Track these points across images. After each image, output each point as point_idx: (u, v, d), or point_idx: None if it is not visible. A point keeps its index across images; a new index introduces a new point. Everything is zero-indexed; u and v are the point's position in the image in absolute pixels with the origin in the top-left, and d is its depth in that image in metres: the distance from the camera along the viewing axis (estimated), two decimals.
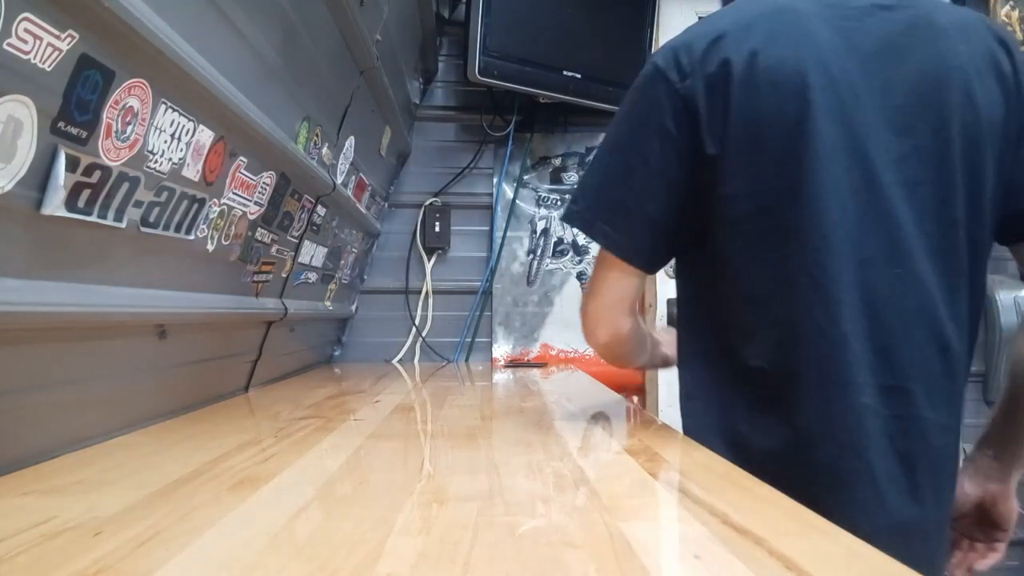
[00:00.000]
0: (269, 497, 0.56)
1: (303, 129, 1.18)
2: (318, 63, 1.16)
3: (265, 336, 1.28)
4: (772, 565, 0.42)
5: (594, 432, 0.93)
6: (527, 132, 2.10)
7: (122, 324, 0.79)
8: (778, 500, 0.57)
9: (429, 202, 2.06)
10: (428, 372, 1.73)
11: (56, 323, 0.66)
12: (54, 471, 0.64)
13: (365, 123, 1.53)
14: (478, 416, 1.02)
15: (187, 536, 0.46)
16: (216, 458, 0.69)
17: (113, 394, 0.81)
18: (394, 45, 1.54)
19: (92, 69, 0.59)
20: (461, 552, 0.44)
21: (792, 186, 0.71)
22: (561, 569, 0.41)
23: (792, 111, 0.70)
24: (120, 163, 0.67)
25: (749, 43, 0.71)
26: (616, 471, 0.69)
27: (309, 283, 1.51)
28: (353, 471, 0.67)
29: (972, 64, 0.72)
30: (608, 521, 0.50)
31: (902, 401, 0.72)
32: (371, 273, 2.07)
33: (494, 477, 0.64)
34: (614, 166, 0.79)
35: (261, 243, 1.14)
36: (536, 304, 2.10)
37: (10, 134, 0.53)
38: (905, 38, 0.73)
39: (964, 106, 0.71)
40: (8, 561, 0.42)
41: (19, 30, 0.50)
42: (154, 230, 0.79)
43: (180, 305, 0.91)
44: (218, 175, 0.90)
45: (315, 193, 1.31)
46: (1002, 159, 0.74)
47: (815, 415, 0.72)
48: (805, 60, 0.70)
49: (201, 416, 0.97)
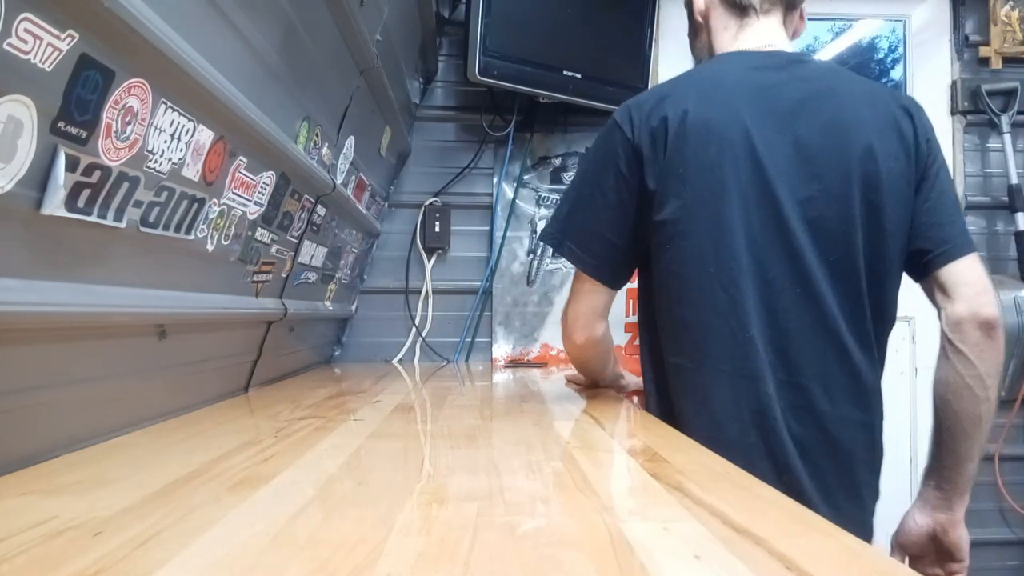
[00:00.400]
0: (269, 497, 0.56)
1: (303, 129, 1.18)
2: (318, 63, 1.16)
3: (265, 336, 1.28)
4: (772, 565, 0.42)
5: (594, 432, 0.93)
6: (527, 132, 2.10)
7: (122, 324, 0.79)
8: (778, 500, 0.57)
9: (429, 202, 2.06)
10: (428, 372, 1.73)
11: (56, 323, 0.66)
12: (54, 471, 0.64)
13: (365, 123, 1.53)
14: (478, 416, 1.02)
15: (187, 536, 0.46)
16: (216, 458, 0.69)
17: (113, 394, 0.81)
18: (394, 45, 1.54)
19: (92, 69, 0.59)
20: (461, 552, 0.44)
21: (709, 216, 0.88)
22: (561, 569, 0.41)
23: (712, 156, 0.88)
24: (120, 163, 0.67)
25: (683, 104, 0.90)
26: (616, 471, 0.69)
27: (309, 283, 1.51)
28: (353, 471, 0.67)
29: (874, 126, 0.90)
30: (608, 521, 0.50)
31: (797, 394, 0.89)
32: (371, 273, 2.07)
33: (494, 477, 0.64)
34: (580, 199, 0.99)
35: (261, 243, 1.14)
36: (536, 304, 2.10)
37: (10, 134, 0.53)
38: (815, 103, 0.91)
39: (865, 159, 0.88)
40: (8, 561, 0.42)
41: (19, 30, 0.50)
42: (154, 230, 0.79)
43: (180, 305, 0.91)
44: (218, 175, 0.90)
45: (315, 193, 1.31)
46: (905, 204, 0.91)
47: (727, 401, 0.89)
48: (725, 118, 0.89)
49: (201, 416, 0.97)
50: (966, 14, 2.18)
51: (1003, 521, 2.13)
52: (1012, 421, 2.10)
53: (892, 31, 2.31)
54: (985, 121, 2.17)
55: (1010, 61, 2.16)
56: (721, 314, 0.88)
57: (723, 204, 0.88)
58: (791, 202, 0.88)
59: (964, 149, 2.18)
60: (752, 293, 0.87)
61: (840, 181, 0.88)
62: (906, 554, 1.00)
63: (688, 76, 0.98)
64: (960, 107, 2.16)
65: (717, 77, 0.95)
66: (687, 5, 1.09)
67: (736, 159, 0.88)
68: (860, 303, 0.91)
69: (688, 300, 0.90)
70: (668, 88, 0.96)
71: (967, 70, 2.18)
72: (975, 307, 0.89)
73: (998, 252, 2.17)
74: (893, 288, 0.94)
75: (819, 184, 0.88)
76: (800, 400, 0.89)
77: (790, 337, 0.88)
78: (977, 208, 2.18)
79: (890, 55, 2.34)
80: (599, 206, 0.95)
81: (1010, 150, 2.10)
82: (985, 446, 0.94)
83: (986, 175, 2.18)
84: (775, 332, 0.88)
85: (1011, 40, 2.15)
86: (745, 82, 0.92)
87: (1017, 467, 2.12)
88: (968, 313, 0.89)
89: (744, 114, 0.89)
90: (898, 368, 2.18)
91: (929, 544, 0.96)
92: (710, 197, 0.88)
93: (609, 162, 0.94)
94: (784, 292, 0.88)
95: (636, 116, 0.93)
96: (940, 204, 0.92)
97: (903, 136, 0.91)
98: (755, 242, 0.88)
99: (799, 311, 0.88)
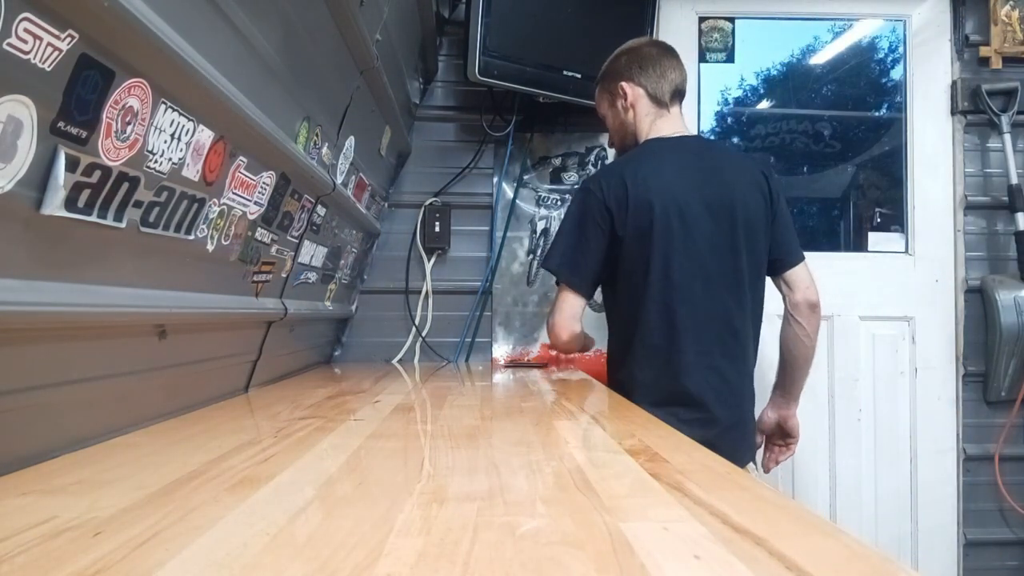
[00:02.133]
0: (269, 497, 0.56)
1: (303, 129, 1.18)
2: (318, 63, 1.16)
3: (265, 336, 1.28)
4: (772, 565, 0.42)
5: (594, 432, 0.93)
6: (527, 132, 2.10)
7: (122, 324, 0.79)
8: (779, 500, 0.57)
9: (429, 202, 2.06)
10: (428, 372, 1.73)
11: (56, 323, 0.66)
12: (54, 471, 0.64)
13: (365, 123, 1.53)
14: (478, 416, 1.02)
15: (187, 536, 0.46)
16: (216, 458, 0.69)
17: (113, 394, 0.81)
18: (394, 45, 1.54)
19: (92, 69, 0.59)
20: (461, 552, 0.44)
21: (648, 254, 1.37)
22: (561, 569, 0.41)
23: (646, 217, 1.37)
24: (120, 163, 0.67)
25: (632, 178, 1.38)
26: (616, 471, 0.69)
27: (309, 283, 1.51)
28: (353, 471, 0.67)
29: (746, 185, 1.43)
30: (608, 521, 0.50)
31: (708, 359, 1.38)
32: (371, 273, 2.07)
33: (494, 477, 0.64)
34: (571, 241, 1.44)
35: (261, 243, 1.14)
36: (536, 304, 2.10)
37: (10, 134, 0.53)
38: (715, 174, 1.42)
39: (743, 207, 1.40)
40: (8, 561, 0.42)
41: (19, 30, 0.50)
42: (154, 230, 0.79)
43: (180, 305, 0.91)
44: (218, 175, 0.90)
45: (315, 193, 1.31)
46: (765, 232, 1.44)
47: (669, 364, 1.37)
48: (656, 188, 1.37)
49: (201, 416, 0.97)
50: (966, 14, 2.18)
51: (1003, 521, 2.13)
52: (1012, 421, 2.10)
53: (892, 31, 2.31)
54: (985, 121, 2.17)
55: (1010, 61, 2.16)
56: (657, 315, 1.37)
57: (655, 246, 1.37)
58: (704, 237, 1.38)
59: (964, 149, 2.18)
60: (680, 300, 1.36)
61: (730, 224, 1.39)
62: (764, 434, 1.61)
63: (634, 158, 1.46)
64: (960, 107, 2.16)
65: (658, 154, 1.45)
66: (610, 91, 1.52)
67: (663, 216, 1.36)
68: (744, 297, 1.41)
69: (633, 307, 1.40)
70: (623, 165, 1.46)
71: (967, 70, 2.18)
72: (807, 295, 1.46)
73: (998, 252, 2.17)
74: (763, 284, 1.47)
75: (718, 226, 1.39)
76: (710, 362, 1.38)
77: (701, 323, 1.37)
78: (977, 208, 2.18)
79: (890, 55, 2.34)
80: (583, 247, 1.42)
81: (1010, 150, 2.10)
82: (808, 371, 1.53)
83: (986, 175, 2.18)
84: (694, 323, 1.37)
85: (1011, 40, 2.15)
86: (677, 158, 1.43)
87: (1017, 467, 2.12)
88: (802, 298, 1.46)
89: (672, 183, 1.39)
90: (898, 368, 2.18)
91: (777, 428, 1.59)
92: (647, 244, 1.37)
93: (590, 217, 1.41)
94: (699, 296, 1.37)
95: (604, 185, 1.40)
96: (785, 230, 1.47)
97: (762, 190, 1.44)
98: (682, 268, 1.37)
99: (707, 306, 1.38)
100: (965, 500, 2.14)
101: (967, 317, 2.16)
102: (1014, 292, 2.08)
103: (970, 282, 2.15)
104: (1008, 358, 2.08)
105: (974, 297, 2.15)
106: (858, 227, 2.40)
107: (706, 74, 2.25)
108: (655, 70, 1.48)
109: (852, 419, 2.16)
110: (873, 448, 2.16)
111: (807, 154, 2.39)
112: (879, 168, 2.38)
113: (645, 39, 1.62)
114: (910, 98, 2.22)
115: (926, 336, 2.18)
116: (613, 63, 1.54)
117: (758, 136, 2.41)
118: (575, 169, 2.14)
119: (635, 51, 1.52)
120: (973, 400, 2.15)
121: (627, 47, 1.54)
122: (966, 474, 2.14)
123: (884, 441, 2.16)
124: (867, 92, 2.39)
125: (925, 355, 2.17)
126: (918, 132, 2.21)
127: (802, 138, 2.38)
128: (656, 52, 1.51)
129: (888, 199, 2.32)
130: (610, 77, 1.53)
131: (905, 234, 2.23)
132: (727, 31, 2.25)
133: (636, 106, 1.49)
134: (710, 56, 2.24)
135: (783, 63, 2.44)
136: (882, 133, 2.34)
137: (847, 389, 2.17)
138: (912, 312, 2.19)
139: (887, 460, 2.16)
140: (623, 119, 1.52)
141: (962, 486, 2.14)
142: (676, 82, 1.49)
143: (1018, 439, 2.13)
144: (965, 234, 2.17)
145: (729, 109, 2.44)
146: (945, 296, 2.18)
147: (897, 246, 2.24)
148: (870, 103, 2.40)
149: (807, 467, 2.16)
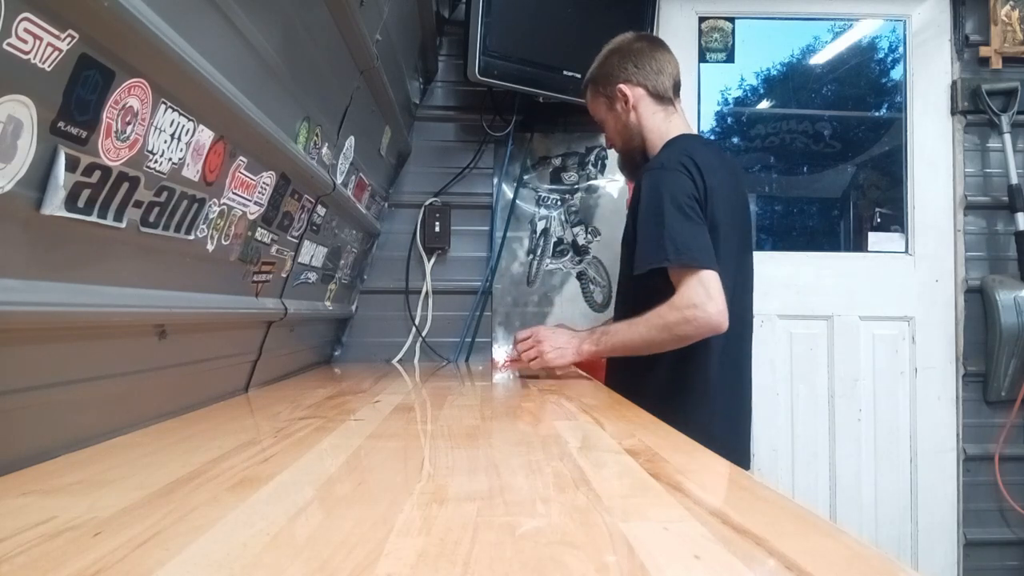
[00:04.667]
0: (269, 497, 0.56)
1: (303, 129, 1.18)
2: (318, 63, 1.16)
3: (265, 336, 1.28)
4: (772, 565, 0.42)
5: (594, 432, 0.93)
6: (527, 132, 2.10)
7: (122, 324, 0.79)
8: (778, 500, 0.57)
9: (429, 202, 2.06)
10: (428, 372, 1.73)
11: (56, 323, 0.66)
12: (54, 471, 0.64)
13: (365, 123, 1.53)
14: (478, 416, 1.02)
15: (187, 536, 0.46)
16: (216, 458, 0.69)
17: (113, 394, 0.81)
18: (394, 45, 1.54)
19: (92, 69, 0.59)
20: (461, 552, 0.44)
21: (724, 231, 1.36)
22: (561, 569, 0.41)
23: (716, 213, 1.33)
24: (120, 163, 0.67)
25: (705, 169, 1.32)
26: (616, 471, 0.69)
27: (309, 283, 1.51)
28: (353, 471, 0.67)
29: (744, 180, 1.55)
30: (608, 521, 0.50)
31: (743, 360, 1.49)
32: (371, 273, 2.07)
33: (494, 477, 0.64)
34: (678, 224, 1.29)
35: (261, 243, 1.14)
36: (536, 304, 2.10)
37: (10, 134, 0.53)
38: (737, 177, 1.47)
39: (746, 201, 1.50)
40: (8, 561, 0.42)
41: (19, 30, 0.50)
42: (154, 230, 0.79)
43: (180, 305, 0.91)
44: (218, 175, 0.90)
45: (315, 193, 1.31)
46: None
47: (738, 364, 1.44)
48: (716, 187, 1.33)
49: (201, 416, 0.97)
50: (966, 14, 2.18)
51: (1003, 521, 2.13)
52: (1012, 421, 2.10)
53: (892, 31, 2.31)
54: (985, 121, 2.17)
55: (1010, 61, 2.16)
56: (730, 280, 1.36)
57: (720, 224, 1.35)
58: (739, 221, 1.43)
59: (964, 149, 2.18)
60: (732, 264, 1.37)
61: (744, 213, 1.48)
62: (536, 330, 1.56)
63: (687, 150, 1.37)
64: (960, 107, 2.16)
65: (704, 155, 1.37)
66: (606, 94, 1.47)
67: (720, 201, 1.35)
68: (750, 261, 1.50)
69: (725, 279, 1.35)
70: (689, 154, 1.35)
71: (967, 70, 2.18)
72: None
73: (998, 252, 2.17)
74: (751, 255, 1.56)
75: (742, 213, 1.46)
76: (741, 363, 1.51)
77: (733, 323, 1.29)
78: (977, 208, 2.18)
79: (890, 55, 2.34)
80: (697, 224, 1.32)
81: (1010, 150, 2.10)
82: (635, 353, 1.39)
83: (986, 175, 2.18)
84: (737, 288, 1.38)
85: (1011, 40, 2.15)
86: (717, 161, 1.40)
87: (1017, 467, 2.12)
88: None
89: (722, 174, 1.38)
90: (898, 368, 2.18)
91: (553, 333, 1.53)
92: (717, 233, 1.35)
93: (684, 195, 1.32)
94: (741, 264, 1.43)
95: (690, 166, 1.33)
96: None
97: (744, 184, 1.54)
98: (730, 242, 1.37)
99: (745, 273, 1.46)
100: (965, 500, 2.14)
101: (967, 317, 2.16)
102: (1014, 292, 2.08)
103: (970, 282, 2.15)
104: (1008, 358, 2.08)
105: (974, 297, 2.15)
106: (858, 227, 2.40)
107: (706, 74, 2.25)
108: (651, 66, 1.43)
109: (852, 419, 2.16)
110: (873, 448, 2.16)
111: (807, 154, 2.39)
112: (879, 168, 2.38)
113: (630, 34, 1.52)
114: (910, 98, 2.22)
115: (926, 336, 2.18)
116: (603, 65, 1.48)
117: (758, 136, 2.41)
118: (575, 169, 2.14)
119: (624, 49, 1.46)
120: (973, 400, 2.15)
121: (614, 46, 1.48)
122: (966, 474, 2.14)
123: (884, 441, 2.16)
124: (867, 92, 2.39)
125: (925, 355, 2.17)
126: (918, 132, 2.21)
127: (802, 138, 2.38)
128: (647, 46, 1.45)
129: (888, 199, 2.32)
130: (603, 80, 1.47)
131: (905, 234, 2.23)
132: (727, 31, 2.25)
133: (639, 107, 1.44)
134: (710, 56, 2.24)
135: (783, 63, 2.44)
136: (882, 133, 2.34)
137: (847, 389, 2.17)
138: (912, 312, 2.19)
139: (887, 460, 2.16)
140: (625, 121, 1.46)
141: (962, 486, 2.14)
142: (674, 75, 1.44)
143: (1018, 439, 2.13)
144: (965, 234, 2.17)
145: (729, 109, 2.45)
146: (945, 296, 2.18)
147: (897, 246, 2.24)
148: (870, 103, 2.40)
149: (807, 467, 2.16)
